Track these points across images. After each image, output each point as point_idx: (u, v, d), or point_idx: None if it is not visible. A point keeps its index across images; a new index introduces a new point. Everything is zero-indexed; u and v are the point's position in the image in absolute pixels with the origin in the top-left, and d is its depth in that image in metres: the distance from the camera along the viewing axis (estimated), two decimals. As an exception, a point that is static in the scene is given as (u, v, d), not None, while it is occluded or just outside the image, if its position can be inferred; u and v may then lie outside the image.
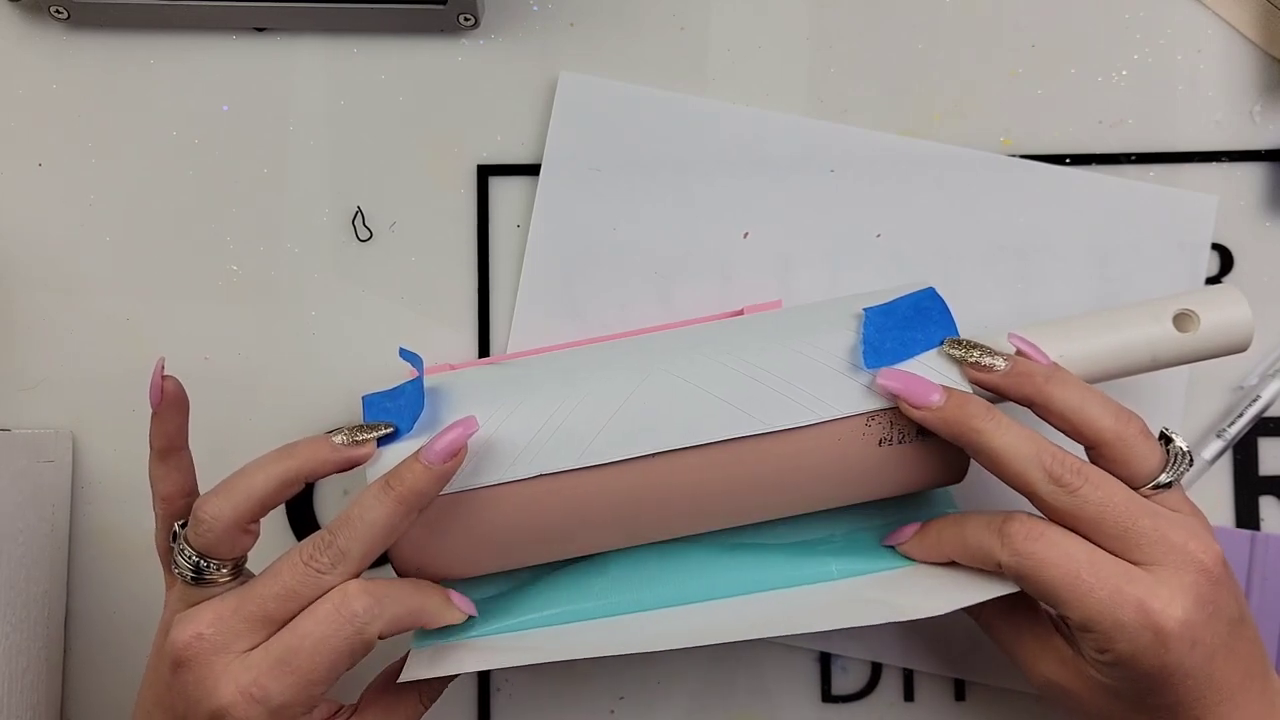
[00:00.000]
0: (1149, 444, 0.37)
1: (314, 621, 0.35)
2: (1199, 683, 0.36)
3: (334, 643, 0.35)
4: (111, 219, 0.48)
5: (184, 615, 0.37)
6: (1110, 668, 0.37)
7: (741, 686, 0.47)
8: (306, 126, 0.48)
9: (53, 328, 0.48)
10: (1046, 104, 0.48)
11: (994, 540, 0.37)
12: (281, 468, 0.37)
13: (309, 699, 0.35)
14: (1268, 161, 0.48)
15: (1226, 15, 0.48)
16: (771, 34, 0.48)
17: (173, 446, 0.39)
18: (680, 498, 0.39)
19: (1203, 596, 0.36)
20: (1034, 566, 0.36)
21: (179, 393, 0.39)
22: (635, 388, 0.39)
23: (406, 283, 0.48)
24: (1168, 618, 0.35)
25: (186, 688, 0.36)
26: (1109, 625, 0.35)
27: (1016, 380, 0.38)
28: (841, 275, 0.47)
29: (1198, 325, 0.40)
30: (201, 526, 0.36)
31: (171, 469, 0.39)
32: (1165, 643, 0.35)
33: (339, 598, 0.35)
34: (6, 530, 0.43)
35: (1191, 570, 0.36)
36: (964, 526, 0.39)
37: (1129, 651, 0.36)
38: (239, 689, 0.35)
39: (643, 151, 0.48)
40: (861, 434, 0.38)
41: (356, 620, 0.35)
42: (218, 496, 0.37)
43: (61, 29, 0.48)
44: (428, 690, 0.41)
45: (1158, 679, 0.36)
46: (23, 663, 0.44)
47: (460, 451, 0.37)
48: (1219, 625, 0.36)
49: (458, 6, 0.46)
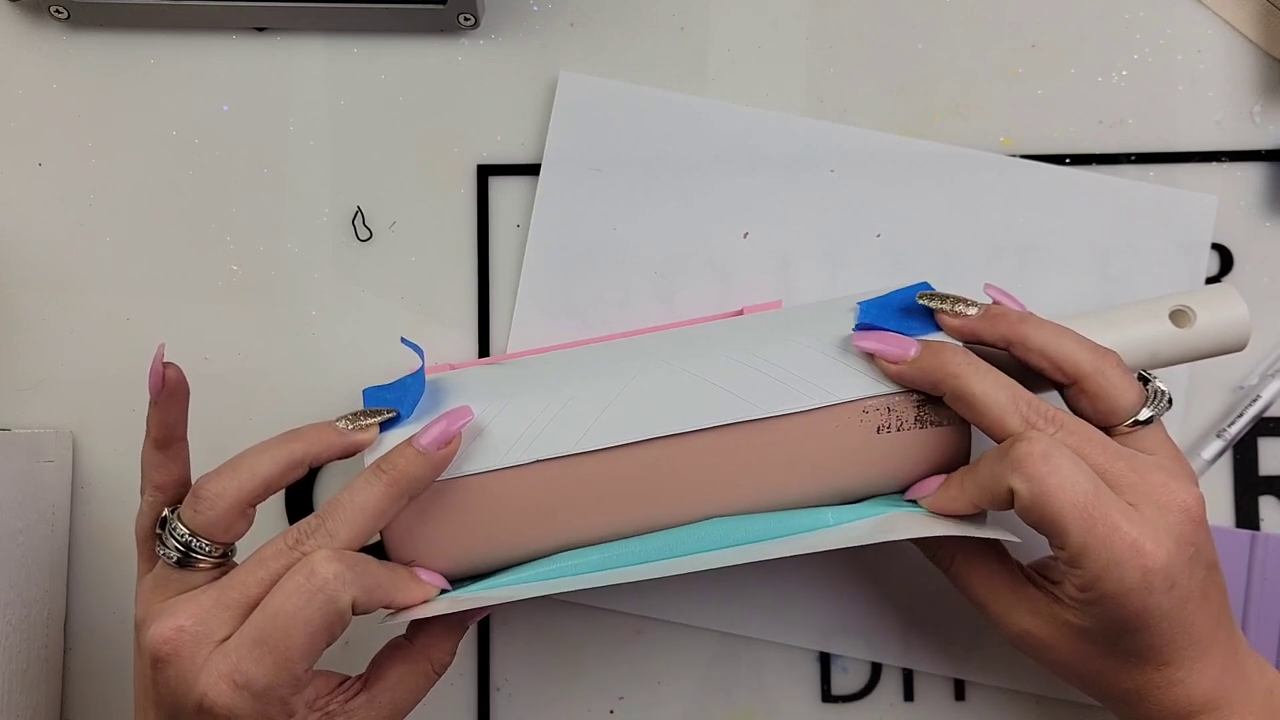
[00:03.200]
0: (1126, 379, 0.38)
1: (284, 596, 0.34)
2: (1172, 625, 0.36)
3: (307, 615, 0.34)
4: (111, 219, 0.48)
5: (162, 609, 0.36)
6: (1089, 608, 0.36)
7: (741, 686, 0.47)
8: (306, 126, 0.48)
9: (53, 328, 0.48)
10: (1046, 104, 0.48)
11: (1004, 466, 0.36)
12: (287, 450, 0.37)
13: (292, 679, 0.34)
14: (1268, 161, 0.48)
15: (1226, 15, 0.48)
16: (771, 34, 0.48)
17: (171, 436, 0.38)
18: (676, 485, 0.39)
19: (1184, 538, 0.36)
20: (1044, 493, 0.35)
21: (180, 381, 0.38)
22: (632, 379, 0.39)
23: (406, 283, 0.48)
24: (1155, 558, 0.35)
25: (169, 683, 0.35)
26: (1103, 561, 0.35)
27: (992, 322, 0.38)
28: (841, 275, 0.47)
29: (1194, 321, 0.41)
30: (203, 504, 0.36)
31: (169, 458, 0.38)
32: (1149, 583, 0.35)
33: (306, 568, 0.34)
34: (6, 530, 0.43)
35: (1173, 511, 0.36)
36: (977, 464, 0.38)
37: (1114, 590, 0.35)
38: (220, 677, 0.34)
39: (643, 151, 0.48)
40: (859, 421, 0.39)
41: (327, 588, 0.34)
42: (222, 475, 0.36)
43: (61, 29, 0.48)
44: (438, 658, 0.39)
45: (1135, 620, 0.36)
46: (23, 663, 0.44)
47: (454, 439, 0.37)
48: (1197, 569, 0.36)
49: (458, 6, 0.46)
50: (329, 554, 0.35)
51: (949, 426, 0.39)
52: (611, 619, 0.47)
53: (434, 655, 0.39)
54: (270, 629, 0.34)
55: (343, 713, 0.37)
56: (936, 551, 0.41)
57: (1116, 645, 0.37)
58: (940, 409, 0.39)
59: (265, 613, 0.34)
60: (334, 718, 0.37)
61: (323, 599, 0.34)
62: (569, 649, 0.47)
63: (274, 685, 0.34)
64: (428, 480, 0.37)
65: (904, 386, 0.39)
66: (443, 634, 0.39)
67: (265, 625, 0.34)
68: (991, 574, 0.40)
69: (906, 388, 0.39)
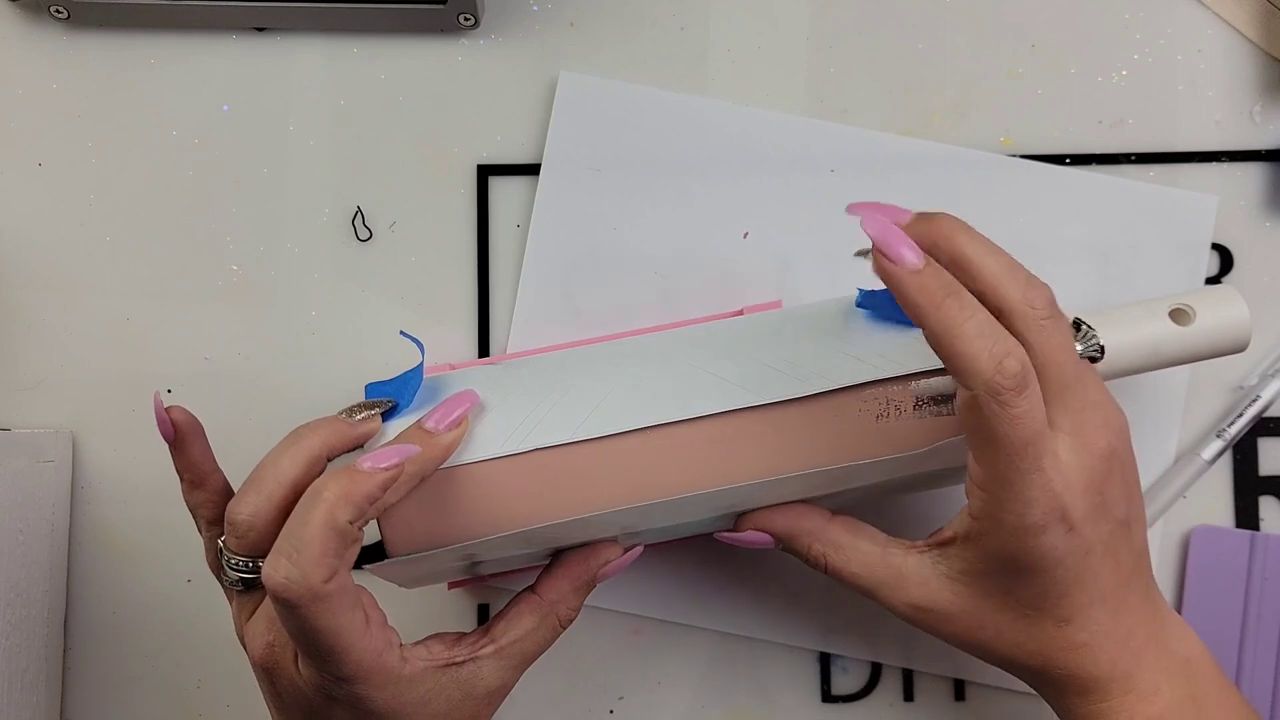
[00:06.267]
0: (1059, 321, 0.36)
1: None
2: (1068, 574, 0.36)
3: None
4: (111, 219, 0.48)
5: (249, 630, 0.37)
6: (979, 540, 0.36)
7: (741, 686, 0.47)
8: (306, 126, 0.48)
9: (53, 328, 0.48)
10: (1046, 104, 0.48)
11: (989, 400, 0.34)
12: (304, 448, 0.36)
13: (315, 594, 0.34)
14: (1268, 161, 0.48)
15: (1226, 15, 0.48)
16: (771, 34, 0.48)
17: (204, 474, 0.38)
18: (676, 473, 0.39)
19: (1092, 486, 0.35)
20: (1007, 421, 0.34)
21: (189, 422, 0.38)
22: (631, 370, 0.39)
23: (406, 283, 0.48)
24: (1061, 499, 0.35)
25: (287, 690, 0.37)
26: (1015, 493, 0.34)
27: (927, 225, 0.36)
28: (841, 275, 0.47)
29: (1194, 320, 0.41)
30: (240, 528, 0.36)
31: (209, 494, 0.38)
32: (1045, 523, 0.35)
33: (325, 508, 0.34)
34: (6, 530, 0.43)
35: (1092, 456, 0.35)
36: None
37: (1012, 524, 0.35)
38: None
39: (643, 151, 0.48)
40: (857, 410, 0.39)
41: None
42: (248, 495, 0.36)
43: (61, 29, 0.48)
44: (564, 612, 0.40)
45: (1026, 558, 0.35)
46: (22, 663, 0.44)
47: (462, 421, 0.37)
48: (1102, 522, 0.36)
49: (458, 6, 0.46)
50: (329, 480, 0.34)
51: (950, 417, 0.39)
52: (611, 619, 0.47)
53: (561, 610, 0.40)
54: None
55: (471, 660, 0.38)
56: (807, 554, 0.40)
57: (1010, 594, 0.37)
58: (939, 399, 0.39)
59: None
60: (463, 667, 0.38)
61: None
62: (569, 649, 0.47)
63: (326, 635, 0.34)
64: (437, 461, 0.37)
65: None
66: (570, 586, 0.40)
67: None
68: (867, 557, 0.39)
69: (898, 375, 0.38)
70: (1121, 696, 0.37)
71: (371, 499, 0.34)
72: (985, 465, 0.35)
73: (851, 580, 0.40)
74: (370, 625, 0.35)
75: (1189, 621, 0.46)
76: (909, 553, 0.39)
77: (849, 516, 0.40)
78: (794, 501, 0.40)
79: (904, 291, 0.35)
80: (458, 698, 0.38)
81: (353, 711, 0.36)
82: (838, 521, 0.40)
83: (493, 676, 0.38)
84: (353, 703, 0.36)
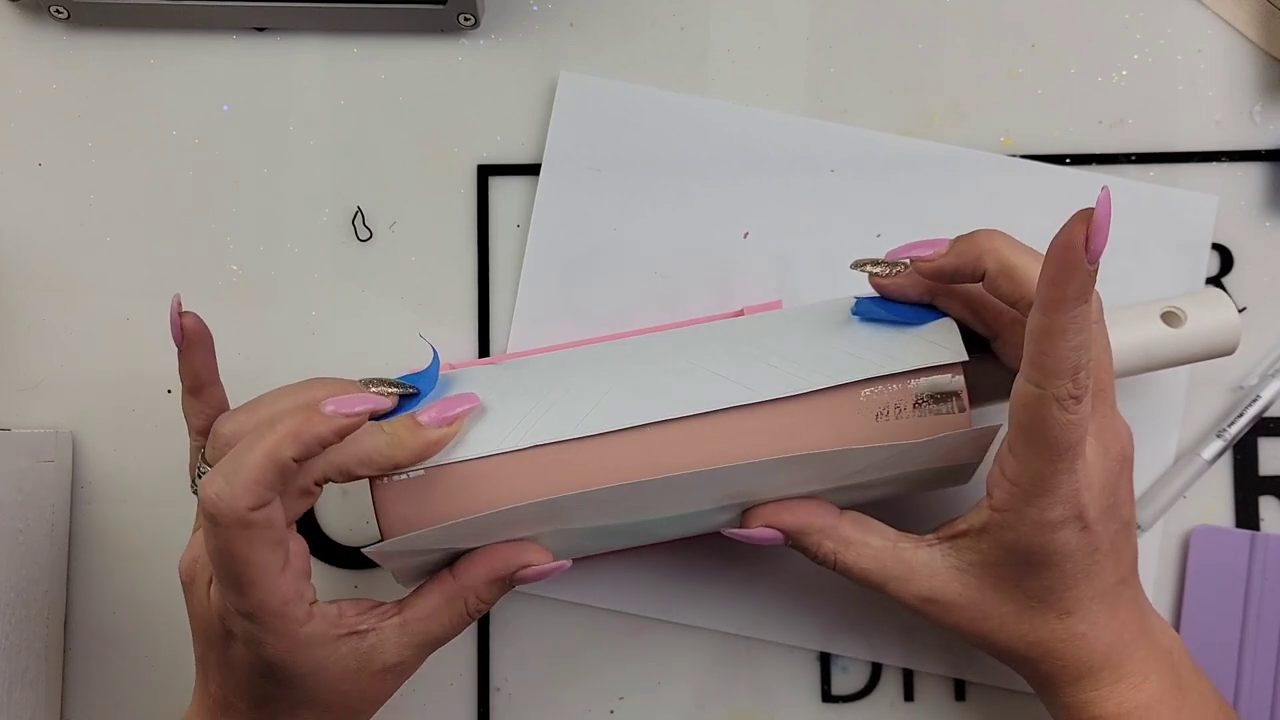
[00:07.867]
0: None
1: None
2: (1077, 569, 0.37)
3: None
4: (111, 219, 0.48)
5: (190, 542, 0.38)
6: (999, 531, 0.37)
7: (741, 686, 0.47)
8: (306, 126, 0.48)
9: (53, 328, 0.48)
10: (1046, 104, 0.48)
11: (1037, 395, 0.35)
12: (310, 394, 0.37)
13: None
14: (1268, 161, 0.48)
15: (1226, 15, 0.48)
16: (771, 34, 0.48)
17: (202, 383, 0.38)
18: (675, 470, 0.39)
19: (1108, 486, 0.36)
20: (1063, 424, 0.34)
21: (199, 328, 0.38)
22: (630, 368, 0.39)
23: (406, 283, 0.48)
24: (1082, 499, 0.36)
25: (195, 609, 0.37)
26: (1046, 489, 0.35)
27: (967, 244, 0.38)
28: (841, 275, 0.47)
29: (1185, 322, 0.41)
30: (219, 441, 0.36)
31: (204, 404, 0.39)
32: (1065, 519, 0.36)
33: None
34: (6, 530, 0.43)
35: (1111, 459, 0.37)
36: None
37: (1034, 517, 0.36)
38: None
39: (643, 151, 0.48)
40: (856, 408, 0.39)
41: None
42: (239, 414, 0.37)
43: (61, 29, 0.48)
44: (474, 602, 0.39)
45: (1041, 553, 0.37)
46: (22, 663, 0.44)
47: (456, 421, 0.37)
48: (1112, 521, 0.37)
49: (458, 6, 0.46)
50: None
51: (950, 415, 0.39)
52: (611, 619, 0.47)
53: (471, 597, 0.39)
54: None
55: (374, 631, 0.38)
56: (817, 550, 0.40)
57: (1018, 586, 0.38)
58: (939, 397, 0.39)
59: None
60: (365, 637, 0.38)
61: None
62: (569, 649, 0.47)
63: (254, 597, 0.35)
64: (420, 455, 0.37)
65: (943, 280, 0.38)
66: (485, 577, 0.39)
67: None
68: (878, 552, 0.40)
69: (898, 372, 0.38)
70: (1113, 685, 0.38)
71: (322, 442, 0.34)
72: (1023, 460, 0.36)
73: (861, 576, 0.40)
74: (286, 571, 0.35)
75: (1189, 622, 0.47)
76: (919, 546, 0.39)
77: (857, 513, 0.41)
78: (803, 497, 0.40)
79: (1069, 281, 0.34)
80: (354, 668, 0.38)
81: (247, 652, 0.36)
82: (848, 518, 0.40)
83: (392, 652, 0.38)
84: (248, 642, 0.36)
